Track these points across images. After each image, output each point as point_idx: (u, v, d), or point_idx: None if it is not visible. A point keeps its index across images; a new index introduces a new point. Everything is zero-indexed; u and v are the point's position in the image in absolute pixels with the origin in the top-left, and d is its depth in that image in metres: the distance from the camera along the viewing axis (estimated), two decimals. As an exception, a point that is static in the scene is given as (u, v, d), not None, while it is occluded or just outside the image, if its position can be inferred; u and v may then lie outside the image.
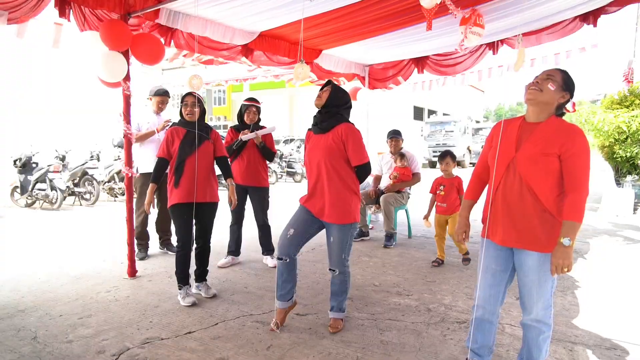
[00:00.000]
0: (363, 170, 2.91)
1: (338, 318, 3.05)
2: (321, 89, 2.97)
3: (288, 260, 2.95)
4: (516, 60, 2.08)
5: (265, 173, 4.55)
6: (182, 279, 3.53)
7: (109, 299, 3.60)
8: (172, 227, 4.91)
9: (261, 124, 4.58)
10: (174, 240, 4.76)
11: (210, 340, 2.86)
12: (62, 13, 3.56)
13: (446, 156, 4.62)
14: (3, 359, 2.63)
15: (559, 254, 1.97)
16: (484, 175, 2.40)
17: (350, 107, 3.04)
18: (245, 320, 3.19)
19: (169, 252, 4.98)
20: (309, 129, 3.07)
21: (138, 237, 4.72)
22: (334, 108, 2.93)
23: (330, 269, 2.99)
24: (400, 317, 3.23)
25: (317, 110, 2.99)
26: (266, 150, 4.45)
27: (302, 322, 3.14)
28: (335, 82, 3.09)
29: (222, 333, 2.97)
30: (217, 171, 3.71)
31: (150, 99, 4.94)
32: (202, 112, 3.65)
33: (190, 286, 3.59)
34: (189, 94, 3.58)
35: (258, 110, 4.55)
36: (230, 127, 4.70)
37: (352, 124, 2.94)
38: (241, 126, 4.51)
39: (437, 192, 4.60)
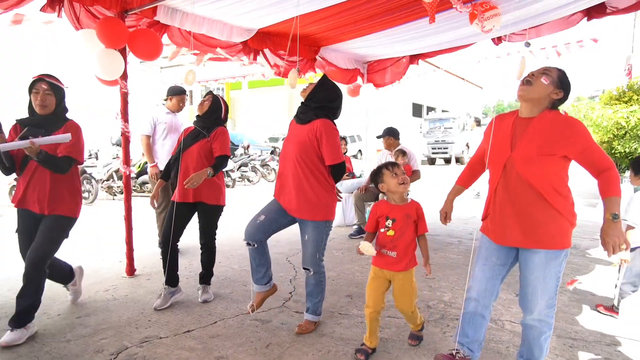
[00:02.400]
0: (336, 170, 2.85)
1: (312, 321, 2.97)
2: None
3: (256, 246, 2.91)
4: (519, 69, 2.06)
5: (74, 197, 3.06)
6: (166, 277, 3.39)
7: (108, 298, 3.58)
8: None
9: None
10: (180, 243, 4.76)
11: (209, 338, 2.85)
12: (52, 9, 3.52)
13: (395, 162, 2.66)
14: (1, 358, 2.62)
15: (612, 232, 1.89)
16: (478, 166, 2.41)
17: (336, 107, 2.93)
18: (244, 318, 3.18)
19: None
20: (293, 118, 3.02)
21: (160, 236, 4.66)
22: (313, 102, 2.87)
23: (304, 268, 2.93)
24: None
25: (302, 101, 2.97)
26: (52, 162, 2.83)
27: (301, 320, 3.12)
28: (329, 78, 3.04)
29: (221, 331, 2.96)
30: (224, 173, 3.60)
31: (171, 99, 4.80)
32: (215, 109, 3.49)
33: (167, 287, 3.41)
34: (209, 92, 3.57)
35: (54, 90, 2.93)
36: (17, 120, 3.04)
37: (331, 121, 2.85)
38: (28, 120, 2.99)
39: (382, 229, 2.55)
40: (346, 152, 6.33)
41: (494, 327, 2.98)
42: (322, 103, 2.87)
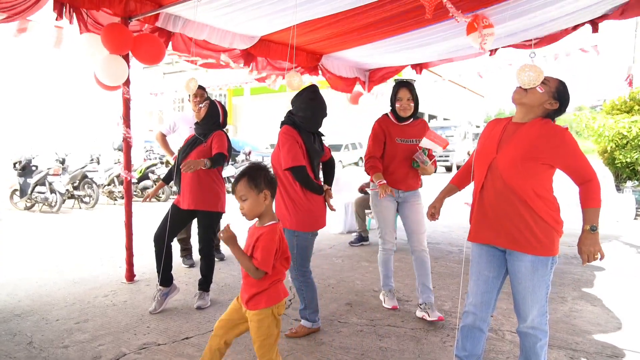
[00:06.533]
0: (294, 175, 2.80)
1: (303, 325, 3.02)
2: None
3: None
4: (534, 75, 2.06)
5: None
6: (160, 277, 3.40)
7: (106, 304, 3.57)
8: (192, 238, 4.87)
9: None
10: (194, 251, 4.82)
11: (207, 345, 2.84)
12: (60, 16, 3.54)
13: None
14: (-2, 364, 2.61)
15: (588, 242, 1.98)
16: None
17: (303, 116, 2.88)
18: (243, 325, 3.16)
19: (215, 258, 4.77)
20: None
21: (180, 242, 4.69)
22: (292, 109, 2.95)
23: None
24: (400, 323, 3.20)
25: None
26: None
27: (300, 328, 3.11)
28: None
29: (220, 339, 2.94)
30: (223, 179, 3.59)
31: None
32: (212, 114, 3.49)
33: (161, 289, 3.43)
34: (207, 98, 3.57)
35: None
36: None
37: (290, 127, 2.86)
38: None
39: None
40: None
41: (494, 337, 2.96)
42: (294, 109, 2.94)
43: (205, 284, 3.56)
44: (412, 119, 3.36)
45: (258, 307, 1.98)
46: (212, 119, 3.51)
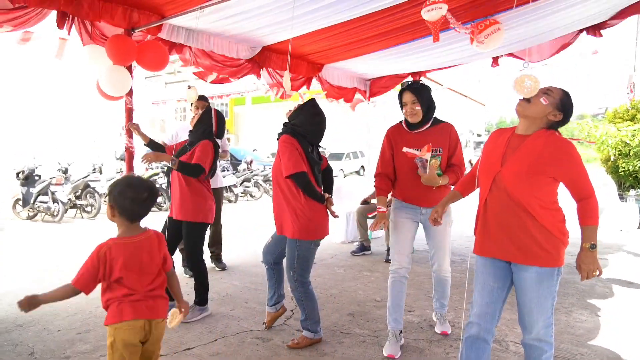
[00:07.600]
0: (296, 181, 2.80)
1: (305, 336, 2.98)
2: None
3: (267, 267, 3.15)
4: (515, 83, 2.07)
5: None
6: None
7: (108, 314, 3.55)
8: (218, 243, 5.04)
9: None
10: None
11: (209, 356, 2.82)
12: (62, 27, 3.56)
13: None
14: (-1, 375, 2.59)
15: (588, 260, 2.00)
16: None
17: (306, 130, 2.91)
18: (245, 336, 3.14)
19: (217, 268, 4.90)
20: None
21: (181, 252, 4.76)
22: (290, 123, 2.98)
23: None
24: (403, 334, 3.17)
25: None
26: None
27: (302, 339, 3.09)
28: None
29: (222, 349, 2.93)
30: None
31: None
32: (204, 122, 3.47)
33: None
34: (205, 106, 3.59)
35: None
36: None
37: (289, 136, 2.86)
38: None
39: None
40: None
41: (498, 349, 2.94)
42: (294, 124, 2.94)
43: (196, 297, 3.48)
44: (428, 125, 3.00)
45: (105, 323, 1.99)
46: (203, 126, 3.47)
